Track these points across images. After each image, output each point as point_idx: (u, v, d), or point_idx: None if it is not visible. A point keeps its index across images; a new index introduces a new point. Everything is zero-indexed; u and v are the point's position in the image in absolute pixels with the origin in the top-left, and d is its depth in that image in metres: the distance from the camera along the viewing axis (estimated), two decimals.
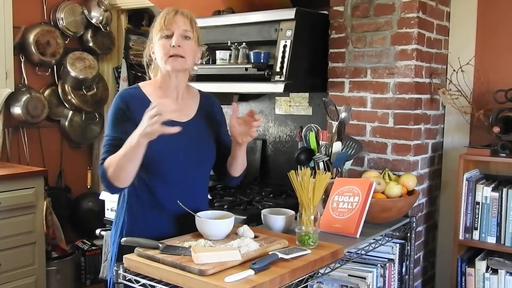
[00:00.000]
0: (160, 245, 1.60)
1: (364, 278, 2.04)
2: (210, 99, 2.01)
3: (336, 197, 2.06)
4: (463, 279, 2.42)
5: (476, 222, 2.41)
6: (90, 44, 4.17)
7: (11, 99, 3.68)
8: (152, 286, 1.51)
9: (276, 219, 1.94)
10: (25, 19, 3.79)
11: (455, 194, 2.46)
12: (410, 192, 2.24)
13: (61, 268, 3.68)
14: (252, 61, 2.52)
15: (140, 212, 1.82)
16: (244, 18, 2.67)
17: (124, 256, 1.60)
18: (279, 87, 2.41)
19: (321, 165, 2.34)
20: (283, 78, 2.42)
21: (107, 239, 2.74)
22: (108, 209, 2.98)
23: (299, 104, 3.03)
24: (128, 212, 1.84)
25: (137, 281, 1.54)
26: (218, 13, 2.92)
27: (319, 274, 1.69)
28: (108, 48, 4.31)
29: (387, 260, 2.20)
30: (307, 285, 1.65)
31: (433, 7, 2.54)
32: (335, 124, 2.38)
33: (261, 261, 1.50)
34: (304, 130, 2.49)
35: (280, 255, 1.56)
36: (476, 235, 2.42)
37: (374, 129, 2.54)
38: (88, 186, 4.29)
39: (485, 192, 2.38)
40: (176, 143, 1.77)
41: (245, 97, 3.25)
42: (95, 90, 4.20)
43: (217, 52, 2.68)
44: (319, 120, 2.75)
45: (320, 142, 2.41)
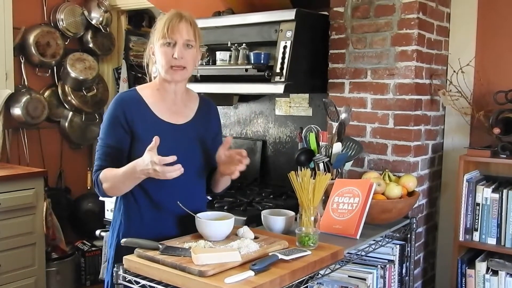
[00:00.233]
0: (160, 246, 1.60)
1: (364, 279, 2.04)
2: (209, 104, 2.00)
3: (336, 198, 2.06)
4: (463, 281, 2.42)
5: (476, 223, 2.41)
6: (90, 45, 4.17)
7: (11, 100, 3.68)
8: (152, 287, 1.51)
9: (276, 220, 1.94)
10: (25, 20, 3.79)
11: (455, 195, 2.45)
12: (410, 193, 2.23)
13: (61, 269, 3.68)
14: (252, 62, 2.52)
15: (137, 214, 1.82)
16: (244, 19, 2.67)
17: (124, 257, 1.60)
18: (279, 88, 2.40)
19: (321, 166, 2.33)
20: (283, 79, 2.42)
21: (107, 240, 2.73)
22: (108, 210, 2.98)
23: (299, 105, 3.02)
24: (125, 215, 1.84)
25: (137, 282, 1.54)
26: (218, 14, 2.91)
27: (319, 275, 1.69)
28: (108, 49, 4.31)
29: (387, 261, 2.20)
30: (307, 286, 1.64)
31: (433, 8, 2.53)
32: (335, 125, 2.37)
33: (261, 262, 1.50)
34: (304, 131, 2.48)
35: (280, 256, 1.56)
36: (476, 237, 2.41)
37: (374, 130, 2.54)
38: (88, 187, 4.27)
39: (485, 193, 2.38)
40: (173, 145, 1.76)
41: (245, 98, 3.25)
42: (95, 91, 4.20)
43: (217, 53, 2.68)
44: (319, 121, 2.75)
45: (320, 143, 2.41)
